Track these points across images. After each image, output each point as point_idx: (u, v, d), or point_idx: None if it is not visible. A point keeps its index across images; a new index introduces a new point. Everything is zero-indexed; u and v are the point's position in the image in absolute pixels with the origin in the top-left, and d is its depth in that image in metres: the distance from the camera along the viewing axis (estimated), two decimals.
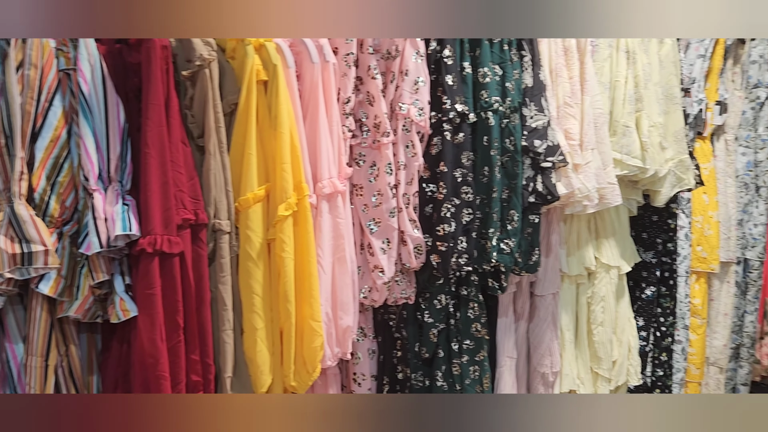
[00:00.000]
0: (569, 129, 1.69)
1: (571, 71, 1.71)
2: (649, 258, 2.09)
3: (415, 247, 1.48)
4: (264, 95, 1.24)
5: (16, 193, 1.00)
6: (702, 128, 2.16)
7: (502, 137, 1.55)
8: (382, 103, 1.42)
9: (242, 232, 1.23)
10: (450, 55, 1.47)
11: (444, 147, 1.48)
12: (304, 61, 1.31)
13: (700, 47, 2.09)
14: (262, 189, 1.24)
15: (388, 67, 1.44)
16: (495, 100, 1.52)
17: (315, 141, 1.31)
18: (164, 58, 1.10)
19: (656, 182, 1.91)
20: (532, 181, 1.61)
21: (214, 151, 1.18)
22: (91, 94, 1.05)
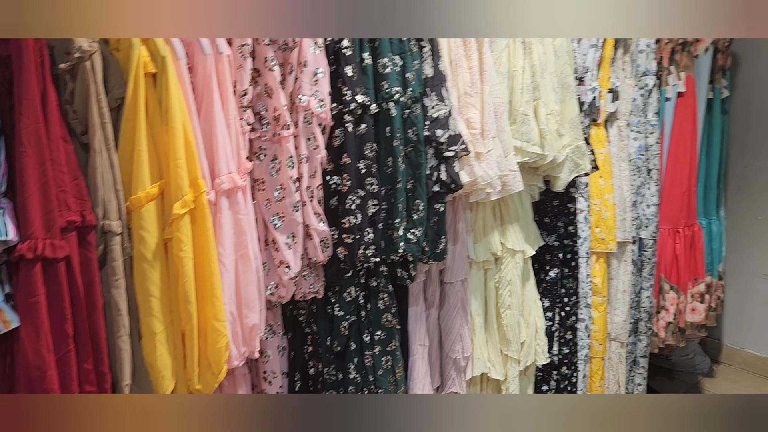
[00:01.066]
0: (470, 118, 1.72)
1: (471, 61, 1.75)
2: (551, 241, 2.17)
3: (321, 241, 1.47)
4: (153, 89, 1.19)
5: None
6: (596, 115, 2.26)
7: (405, 128, 1.56)
8: (281, 95, 1.39)
9: (135, 233, 1.18)
10: (349, 46, 1.46)
11: (346, 138, 1.47)
12: (195, 52, 1.26)
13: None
14: (155, 187, 1.18)
15: (286, 59, 1.42)
16: (396, 91, 1.52)
17: (211, 135, 1.27)
18: (38, 49, 1.02)
19: (555, 168, 1.99)
20: (436, 171, 1.63)
21: (100, 148, 1.12)
22: None
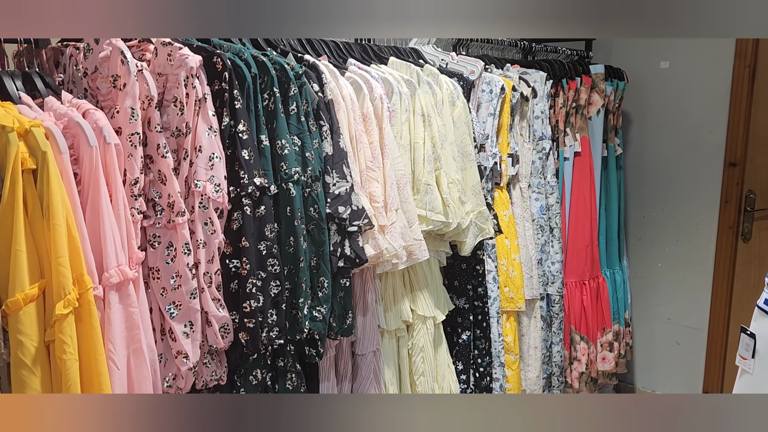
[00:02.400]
0: (373, 192, 1.76)
1: (371, 137, 1.79)
2: (462, 304, 2.21)
3: (221, 327, 1.44)
4: (33, 185, 1.15)
5: None
6: (498, 179, 2.35)
7: (306, 206, 1.57)
8: (175, 182, 1.37)
9: (12, 337, 1.11)
10: (245, 130, 1.47)
11: (245, 221, 1.46)
12: (81, 144, 1.23)
13: (489, 107, 2.29)
14: (34, 287, 1.13)
15: (180, 145, 1.41)
16: (295, 171, 1.54)
17: (98, 228, 1.23)
18: None
19: (460, 234, 2.04)
20: (340, 246, 1.64)
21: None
22: None
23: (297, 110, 1.58)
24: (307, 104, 1.62)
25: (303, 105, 1.60)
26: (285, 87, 1.56)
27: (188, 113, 1.39)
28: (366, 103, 1.79)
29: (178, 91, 1.38)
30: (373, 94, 1.80)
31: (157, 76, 1.40)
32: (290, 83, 1.56)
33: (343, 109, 1.73)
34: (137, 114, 1.32)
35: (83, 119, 1.24)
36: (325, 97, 1.68)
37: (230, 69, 1.46)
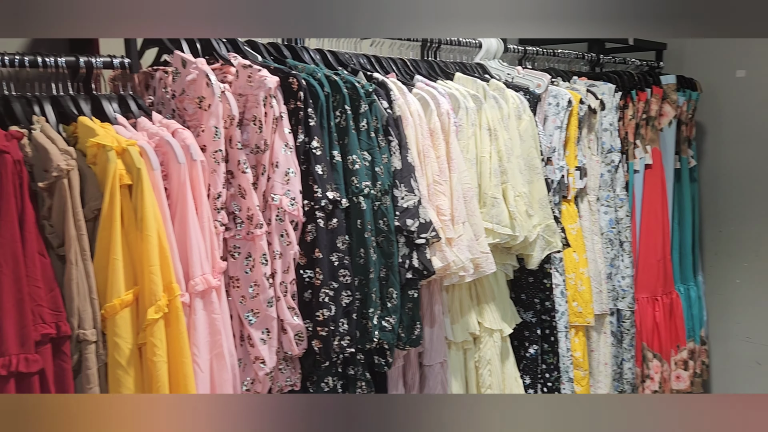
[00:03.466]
0: (440, 205, 1.79)
1: (438, 151, 1.83)
2: (529, 318, 2.20)
3: (295, 335, 1.50)
4: (129, 199, 1.25)
5: None
6: (566, 192, 2.34)
7: (375, 219, 1.62)
8: (254, 196, 1.45)
9: (110, 340, 1.21)
10: (318, 146, 1.54)
11: (318, 233, 1.53)
12: (170, 161, 1.33)
13: (556, 120, 2.29)
14: (129, 293, 1.22)
15: (258, 161, 1.49)
16: (366, 185, 1.59)
17: (185, 239, 1.32)
18: (17, 172, 1.09)
19: (527, 247, 2.04)
20: (408, 258, 1.68)
21: (76, 259, 1.16)
22: None
23: (367, 126, 1.64)
24: (376, 120, 1.67)
25: (373, 121, 1.66)
26: (356, 104, 1.62)
27: (266, 131, 1.47)
28: (433, 119, 1.83)
29: (257, 111, 1.47)
30: (440, 110, 1.85)
31: (238, 97, 1.48)
32: (361, 101, 1.62)
33: (411, 124, 1.77)
34: (220, 132, 1.41)
35: (173, 138, 1.33)
36: (393, 113, 1.74)
37: (305, 88, 1.54)
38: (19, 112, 1.32)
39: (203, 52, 1.61)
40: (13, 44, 1.63)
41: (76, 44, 1.64)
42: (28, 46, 1.68)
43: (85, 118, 1.32)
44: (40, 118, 1.30)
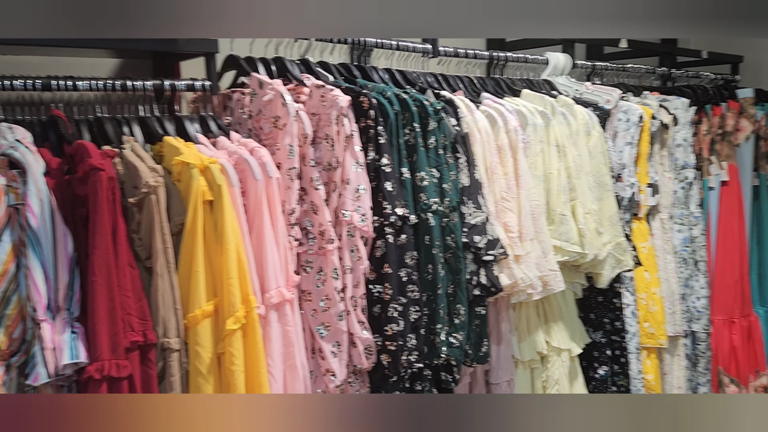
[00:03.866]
0: (508, 222, 1.79)
1: (506, 168, 1.83)
2: (598, 338, 2.15)
3: (365, 348, 1.52)
4: (210, 214, 1.31)
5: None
6: (637, 210, 2.29)
7: (443, 235, 1.64)
8: (326, 212, 1.49)
9: (191, 349, 1.26)
10: (388, 163, 1.56)
11: (387, 249, 1.55)
12: (248, 178, 1.38)
13: (626, 135, 2.25)
14: (210, 304, 1.28)
15: (330, 178, 1.53)
16: (434, 202, 1.61)
17: (261, 253, 1.37)
18: (111, 188, 1.16)
19: (597, 265, 2.01)
20: (476, 275, 1.68)
21: (162, 271, 1.23)
22: (39, 227, 1.11)
23: (436, 144, 1.66)
24: (445, 138, 1.69)
25: (441, 139, 1.68)
26: (425, 122, 1.65)
27: (338, 149, 1.52)
28: (501, 135, 1.83)
29: (329, 129, 1.51)
30: (508, 126, 1.85)
31: (312, 116, 1.53)
32: (429, 118, 1.65)
33: (478, 141, 1.78)
34: (295, 150, 1.46)
35: (250, 156, 1.39)
36: (461, 130, 1.75)
37: (375, 107, 1.57)
38: (110, 133, 1.41)
39: (278, 73, 1.68)
40: (103, 70, 1.75)
41: (159, 68, 1.74)
42: (117, 70, 1.79)
43: (170, 137, 1.39)
44: (129, 138, 1.38)
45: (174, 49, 1.51)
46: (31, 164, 1.14)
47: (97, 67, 1.73)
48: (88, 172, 1.14)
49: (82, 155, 1.18)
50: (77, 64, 1.64)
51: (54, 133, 1.36)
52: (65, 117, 1.37)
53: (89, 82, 1.40)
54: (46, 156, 1.23)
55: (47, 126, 1.37)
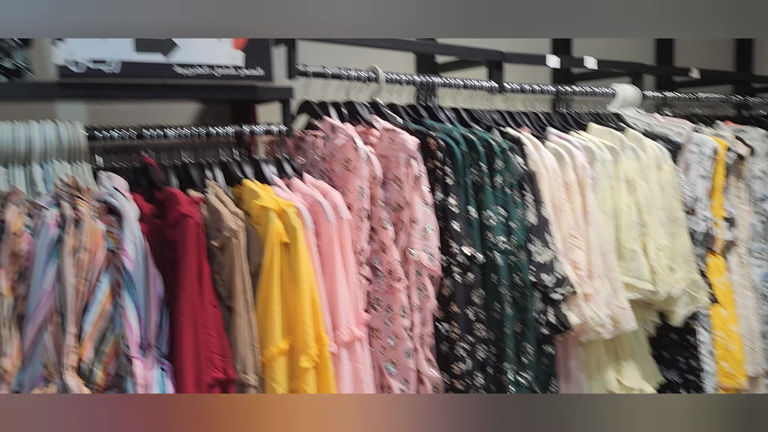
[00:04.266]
0: (576, 260, 1.78)
1: (574, 204, 1.83)
2: (673, 377, 2.09)
3: (433, 386, 1.55)
4: (286, 255, 1.38)
5: (66, 365, 1.12)
6: (712, 244, 2.22)
7: (511, 274, 1.65)
8: (395, 251, 1.54)
9: (268, 385, 1.32)
10: (455, 203, 1.60)
11: (455, 288, 1.58)
12: (321, 220, 1.45)
13: (700, 168, 2.20)
14: (285, 342, 1.34)
15: (399, 217, 1.58)
16: (501, 240, 1.63)
17: (333, 292, 1.42)
18: (197, 234, 1.24)
19: (670, 303, 1.96)
20: (544, 313, 1.68)
21: (242, 311, 1.30)
22: (134, 270, 1.20)
23: (502, 182, 1.68)
24: (511, 176, 1.71)
25: (508, 177, 1.70)
26: (491, 161, 1.68)
27: (407, 189, 1.56)
28: (568, 172, 1.84)
29: (398, 171, 1.56)
30: (575, 163, 1.85)
31: (381, 158, 1.59)
32: (496, 157, 1.68)
33: (545, 178, 1.79)
34: (365, 192, 1.52)
35: (323, 198, 1.46)
36: (528, 168, 1.77)
37: (443, 148, 1.62)
38: (195, 177, 1.51)
39: (349, 116, 1.75)
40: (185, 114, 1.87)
41: (238, 113, 1.85)
42: (199, 115, 1.91)
43: (249, 181, 1.48)
44: (212, 182, 1.47)
45: (253, 97, 1.60)
46: (127, 211, 1.24)
47: (181, 112, 1.85)
48: (178, 218, 1.23)
49: (172, 202, 1.27)
50: (163, 109, 1.77)
51: (145, 178, 1.47)
52: (155, 163, 1.48)
53: (177, 130, 1.51)
54: (139, 201, 1.33)
55: (139, 172, 1.48)
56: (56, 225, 1.17)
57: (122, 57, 1.38)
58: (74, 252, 1.17)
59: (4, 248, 1.13)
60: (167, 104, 1.80)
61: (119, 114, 1.64)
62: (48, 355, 1.13)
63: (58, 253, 1.16)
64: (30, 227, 1.17)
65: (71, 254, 1.16)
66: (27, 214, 1.19)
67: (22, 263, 1.15)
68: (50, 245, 1.15)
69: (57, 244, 1.16)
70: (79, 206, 1.20)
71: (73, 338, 1.14)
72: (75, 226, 1.18)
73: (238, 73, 1.53)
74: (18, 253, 1.14)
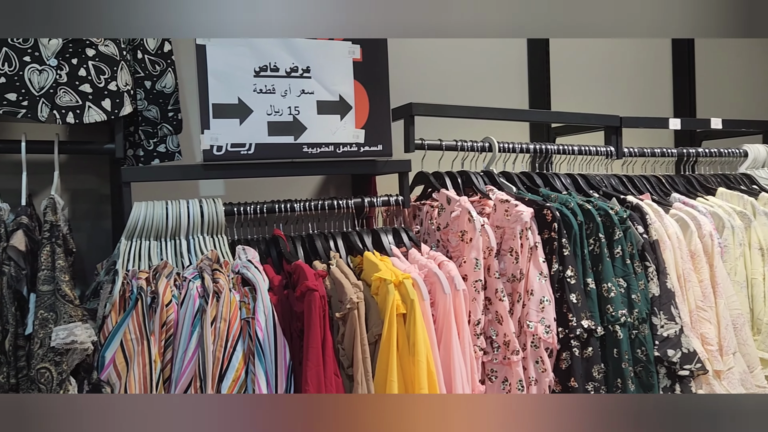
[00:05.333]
0: (705, 334, 1.69)
1: (701, 275, 1.74)
2: None
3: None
4: (403, 326, 1.42)
5: None
6: None
7: (633, 348, 1.59)
8: (510, 323, 1.54)
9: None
10: (572, 275, 1.58)
11: (573, 362, 1.54)
12: (437, 291, 1.49)
13: None
14: None
15: (514, 288, 1.58)
16: (622, 314, 1.58)
17: (449, 363, 1.45)
18: (322, 306, 1.33)
19: None
20: (670, 391, 1.60)
21: (361, 379, 1.35)
22: (264, 338, 1.30)
23: (622, 253, 1.64)
24: (632, 246, 1.67)
25: (628, 247, 1.66)
26: (610, 231, 1.65)
27: (522, 261, 1.57)
28: (694, 241, 1.76)
29: (513, 242, 1.58)
30: (702, 231, 1.77)
31: (496, 229, 1.62)
32: (615, 227, 1.65)
33: (669, 248, 1.73)
34: (480, 263, 1.55)
35: (439, 270, 1.50)
36: (650, 237, 1.72)
37: (558, 219, 1.61)
38: (319, 248, 1.61)
39: (463, 185, 1.80)
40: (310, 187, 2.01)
41: (357, 184, 1.96)
42: (321, 187, 2.04)
43: (369, 253, 1.55)
44: (335, 254, 1.56)
45: (372, 171, 1.70)
46: (260, 282, 1.35)
47: (307, 183, 1.99)
48: (305, 292, 1.32)
49: (299, 276, 1.37)
50: (291, 182, 1.91)
51: (275, 249, 1.58)
52: (284, 235, 1.60)
53: (303, 204, 1.63)
54: (270, 273, 1.44)
55: (270, 243, 1.60)
56: (199, 296, 1.29)
57: (257, 140, 1.53)
58: (214, 322, 1.29)
59: (156, 318, 1.27)
60: (294, 178, 1.95)
61: (253, 189, 1.79)
62: None
63: (200, 323, 1.28)
64: (176, 298, 1.31)
65: (211, 324, 1.28)
66: (175, 285, 1.32)
67: (169, 331, 1.28)
68: (194, 315, 1.28)
69: (199, 314, 1.28)
70: (219, 279, 1.33)
71: None
72: (215, 298, 1.30)
73: (360, 150, 1.63)
74: (167, 322, 1.28)
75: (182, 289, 1.32)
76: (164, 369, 1.27)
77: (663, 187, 2.03)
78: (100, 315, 1.28)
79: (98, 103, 1.44)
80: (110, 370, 1.23)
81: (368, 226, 1.79)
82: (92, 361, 1.23)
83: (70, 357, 1.20)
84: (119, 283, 1.29)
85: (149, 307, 1.26)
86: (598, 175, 1.98)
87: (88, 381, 1.22)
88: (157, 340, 1.26)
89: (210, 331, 1.27)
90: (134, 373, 1.24)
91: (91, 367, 1.23)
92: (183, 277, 1.35)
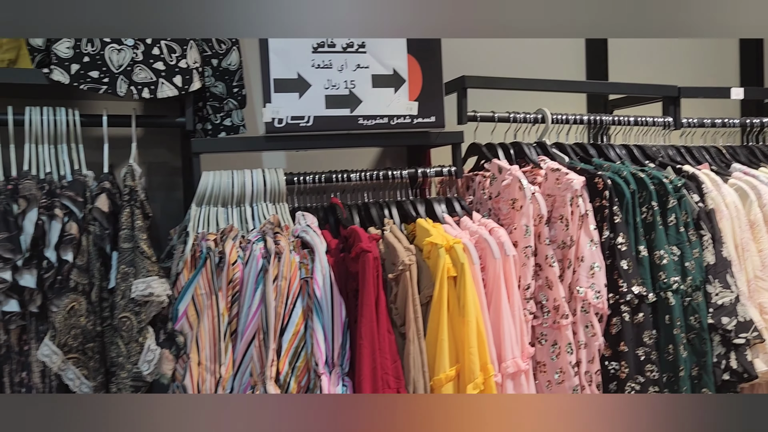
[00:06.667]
0: (763, 303, 1.67)
1: (760, 244, 1.72)
2: None
3: None
4: (454, 288, 1.48)
5: (268, 376, 1.32)
6: None
7: (686, 316, 1.59)
8: (560, 288, 1.57)
9: None
10: (623, 242, 1.59)
11: (623, 327, 1.56)
12: (487, 256, 1.53)
13: None
14: (452, 370, 1.44)
15: (565, 255, 1.61)
16: (674, 281, 1.58)
17: (499, 326, 1.50)
18: (376, 267, 1.40)
19: None
20: (725, 359, 1.60)
21: (413, 337, 1.42)
22: (322, 296, 1.38)
23: (676, 221, 1.64)
24: (686, 215, 1.66)
25: (682, 216, 1.65)
26: (663, 200, 1.65)
27: (572, 228, 1.60)
28: (753, 210, 1.73)
29: (564, 210, 1.60)
30: (762, 200, 1.74)
31: (547, 197, 1.64)
32: (668, 196, 1.64)
33: (726, 217, 1.71)
34: (530, 230, 1.58)
35: (490, 236, 1.54)
36: (706, 206, 1.70)
37: (610, 187, 1.63)
38: (374, 215, 1.68)
39: (516, 156, 1.83)
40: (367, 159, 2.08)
41: (413, 156, 2.02)
42: (378, 158, 2.11)
43: (422, 220, 1.61)
44: (389, 220, 1.63)
45: (426, 142, 1.75)
46: (318, 245, 1.44)
47: (364, 155, 2.07)
48: (359, 253, 1.40)
49: (354, 239, 1.45)
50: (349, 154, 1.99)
51: (333, 216, 1.67)
52: (341, 203, 1.68)
53: (359, 174, 1.70)
54: (327, 237, 1.52)
55: (328, 210, 1.69)
56: (262, 257, 1.39)
57: (315, 113, 1.61)
58: (275, 280, 1.38)
59: (223, 276, 1.37)
60: (352, 150, 2.02)
61: (312, 160, 1.88)
62: (254, 367, 1.35)
63: (263, 281, 1.38)
64: (242, 258, 1.41)
65: (273, 282, 1.38)
66: (240, 247, 1.43)
67: (235, 288, 1.39)
68: (257, 274, 1.38)
69: (262, 273, 1.38)
70: (280, 241, 1.42)
71: (273, 353, 1.35)
72: (277, 259, 1.40)
73: (413, 121, 1.69)
74: (233, 279, 1.38)
75: (246, 251, 1.42)
76: (231, 322, 1.38)
77: (723, 157, 1.99)
78: (173, 272, 1.40)
79: (170, 79, 1.56)
80: (183, 321, 1.35)
81: (422, 197, 1.85)
82: (167, 313, 1.35)
83: (148, 308, 1.32)
84: (190, 243, 1.41)
85: (217, 266, 1.37)
86: (654, 146, 1.97)
87: (164, 330, 1.34)
88: (225, 296, 1.37)
89: (272, 288, 1.37)
90: (204, 324, 1.35)
91: (167, 318, 1.35)
92: (247, 239, 1.45)
